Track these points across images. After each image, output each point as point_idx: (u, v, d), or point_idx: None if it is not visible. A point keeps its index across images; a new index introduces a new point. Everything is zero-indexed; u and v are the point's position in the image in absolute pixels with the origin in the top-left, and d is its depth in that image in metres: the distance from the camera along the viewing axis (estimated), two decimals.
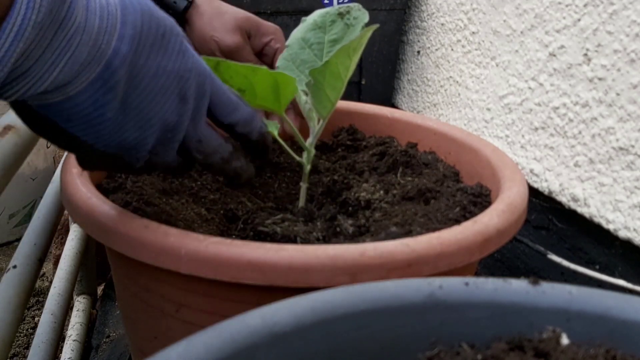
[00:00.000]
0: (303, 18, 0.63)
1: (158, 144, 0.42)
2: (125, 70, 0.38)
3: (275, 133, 0.59)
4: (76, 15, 0.34)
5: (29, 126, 0.39)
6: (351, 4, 0.61)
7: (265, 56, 0.66)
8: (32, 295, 0.72)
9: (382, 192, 0.64)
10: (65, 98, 0.36)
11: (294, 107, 0.65)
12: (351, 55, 0.54)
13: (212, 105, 0.44)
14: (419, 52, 1.32)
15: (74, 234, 0.98)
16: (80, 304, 1.01)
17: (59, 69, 0.34)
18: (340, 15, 0.60)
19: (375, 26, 0.53)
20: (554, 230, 0.94)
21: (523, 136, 0.98)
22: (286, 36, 0.65)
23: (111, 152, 0.41)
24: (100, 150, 0.40)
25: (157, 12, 0.41)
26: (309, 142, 0.60)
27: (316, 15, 0.62)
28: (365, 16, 0.59)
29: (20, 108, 0.38)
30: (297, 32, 0.62)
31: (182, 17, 0.64)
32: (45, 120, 0.38)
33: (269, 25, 0.66)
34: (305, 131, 0.61)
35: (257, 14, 0.69)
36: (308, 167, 0.61)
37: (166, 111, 0.40)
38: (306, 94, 0.59)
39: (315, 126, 0.60)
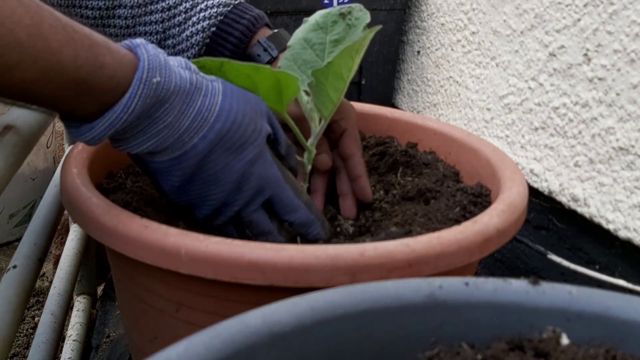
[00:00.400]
0: (305, 19, 0.62)
1: (214, 212, 0.51)
2: (197, 160, 0.48)
3: None
4: (169, 117, 0.46)
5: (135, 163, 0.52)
6: (352, 5, 0.60)
7: (332, 132, 0.62)
8: (32, 295, 0.71)
9: (382, 192, 0.64)
10: (151, 160, 0.49)
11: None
12: (354, 56, 0.54)
13: (273, 203, 0.52)
14: (419, 52, 1.32)
15: (74, 234, 0.98)
16: (80, 304, 1.01)
17: (145, 147, 0.46)
18: (342, 15, 0.60)
19: (378, 27, 0.53)
20: (554, 230, 0.94)
21: (523, 136, 0.98)
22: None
23: (178, 204, 0.51)
24: (170, 199, 0.51)
25: (253, 121, 0.50)
26: (310, 142, 0.60)
27: (318, 15, 0.62)
28: (366, 16, 0.59)
29: None
30: (299, 33, 0.62)
31: None
32: (143, 164, 0.50)
33: (345, 103, 0.62)
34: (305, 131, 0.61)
35: None
36: (309, 167, 0.61)
37: (222, 194, 0.50)
38: (307, 94, 0.59)
39: (317, 126, 0.60)
